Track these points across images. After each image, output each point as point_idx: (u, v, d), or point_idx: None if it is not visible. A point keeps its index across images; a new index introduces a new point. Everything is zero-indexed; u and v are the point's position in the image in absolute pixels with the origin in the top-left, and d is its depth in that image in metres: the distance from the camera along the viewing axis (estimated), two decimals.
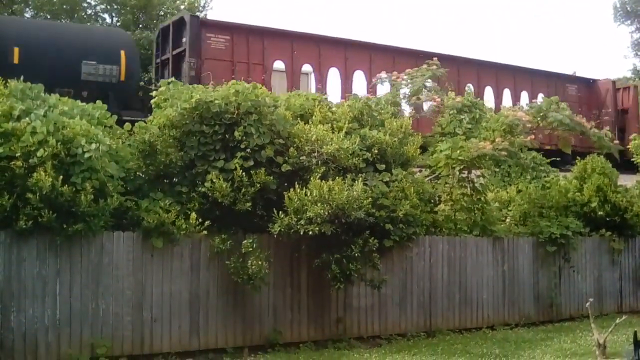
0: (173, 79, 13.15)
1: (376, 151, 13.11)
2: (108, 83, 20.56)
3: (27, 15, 28.61)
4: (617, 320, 10.29)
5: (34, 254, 10.18)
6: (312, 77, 25.19)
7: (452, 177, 14.98)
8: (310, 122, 12.87)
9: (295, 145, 12.10)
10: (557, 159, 20.43)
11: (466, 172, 15.02)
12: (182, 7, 31.30)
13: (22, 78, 11.53)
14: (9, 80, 11.38)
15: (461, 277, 14.48)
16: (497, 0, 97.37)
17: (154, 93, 12.88)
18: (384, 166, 13.13)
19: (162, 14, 30.99)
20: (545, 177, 19.35)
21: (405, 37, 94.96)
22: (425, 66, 17.86)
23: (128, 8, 29.91)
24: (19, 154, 9.88)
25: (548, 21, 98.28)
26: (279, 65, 24.18)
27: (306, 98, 14.24)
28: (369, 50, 26.08)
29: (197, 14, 31.54)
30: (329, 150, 12.04)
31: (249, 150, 11.58)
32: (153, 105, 12.74)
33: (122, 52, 20.96)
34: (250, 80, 14.36)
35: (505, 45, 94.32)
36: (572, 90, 29.91)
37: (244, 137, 11.61)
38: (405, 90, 17.11)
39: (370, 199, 11.94)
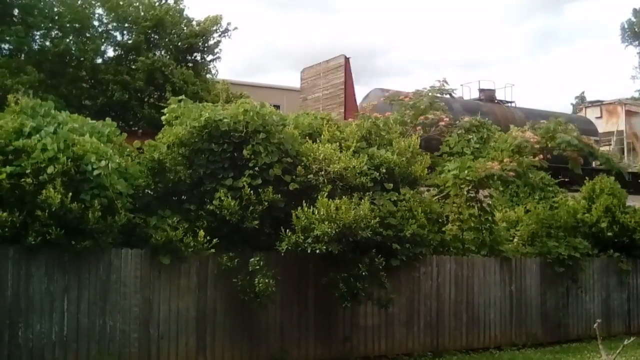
0: (183, 96, 13.18)
1: (384, 170, 13.13)
2: None
3: (37, 34, 28.73)
4: (625, 342, 10.23)
5: (43, 270, 10.23)
6: None
7: (460, 197, 14.98)
8: (318, 141, 12.92)
9: (303, 163, 12.14)
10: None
11: (474, 192, 15.03)
12: (197, 27, 31.34)
13: (31, 95, 11.65)
14: (19, 98, 11.49)
15: (468, 297, 14.44)
16: (505, 22, 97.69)
17: (165, 110, 12.95)
18: (391, 185, 13.14)
19: (175, 34, 31.08)
20: (553, 197, 19.33)
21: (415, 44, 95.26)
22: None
23: (139, 27, 30.00)
24: (29, 171, 9.95)
25: (556, 42, 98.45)
26: None
27: (314, 117, 14.30)
28: None
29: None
30: (336, 169, 12.07)
31: (257, 168, 11.62)
32: (164, 123, 12.81)
33: None
34: None
35: (513, 66, 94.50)
36: None
37: (253, 156, 11.66)
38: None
39: (377, 218, 11.95)
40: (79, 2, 29.56)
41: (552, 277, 15.75)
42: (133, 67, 29.37)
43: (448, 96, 18.62)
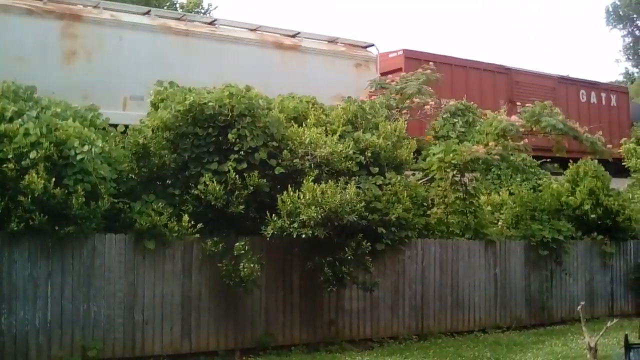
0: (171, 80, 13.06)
1: (370, 154, 13.11)
2: None
3: None
4: (609, 324, 10.27)
5: (26, 255, 10.15)
6: None
7: (445, 181, 15.00)
8: (304, 125, 12.87)
9: (288, 148, 12.09)
10: None
11: (459, 175, 15.04)
12: (181, 10, 31.19)
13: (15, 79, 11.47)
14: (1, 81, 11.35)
15: (453, 280, 14.50)
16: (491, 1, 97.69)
17: (151, 92, 12.85)
18: (377, 169, 13.13)
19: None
20: (535, 179, 19.40)
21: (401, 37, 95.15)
22: (420, 70, 17.92)
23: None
24: (11, 156, 9.83)
25: (541, 24, 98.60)
26: None
27: (300, 100, 14.23)
28: None
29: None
30: (323, 154, 12.04)
31: (242, 152, 11.56)
32: (150, 106, 12.72)
33: None
34: None
35: (498, 47, 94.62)
36: None
37: (238, 140, 11.59)
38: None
39: (363, 202, 11.95)
40: None
41: (536, 260, 15.83)
42: None
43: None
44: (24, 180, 9.70)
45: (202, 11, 31.82)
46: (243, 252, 11.30)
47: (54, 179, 9.86)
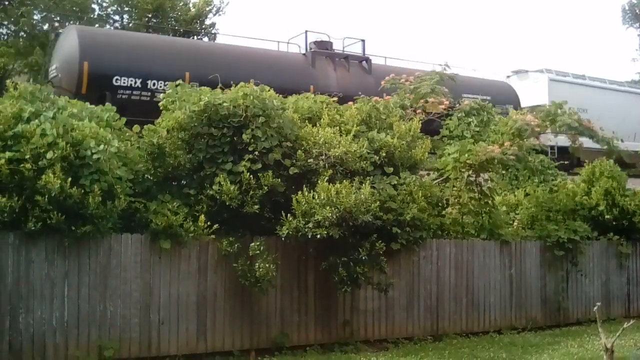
0: (180, 81, 13.12)
1: (384, 154, 13.10)
2: None
3: (36, 17, 28.56)
4: (625, 325, 10.20)
5: (43, 255, 10.22)
6: None
7: (460, 181, 14.96)
8: (318, 125, 12.88)
9: (303, 148, 12.11)
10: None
11: (474, 175, 14.99)
12: (193, 10, 31.31)
13: (31, 80, 11.57)
14: (18, 83, 11.44)
15: (468, 281, 14.45)
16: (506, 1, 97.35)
17: (162, 95, 12.91)
18: (392, 169, 13.12)
19: (174, 17, 31.07)
20: (553, 180, 19.32)
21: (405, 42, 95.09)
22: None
23: (139, 11, 30.00)
24: (28, 156, 9.91)
25: (557, 23, 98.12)
26: None
27: (314, 101, 14.25)
28: None
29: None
30: (337, 154, 12.05)
31: (257, 152, 11.59)
32: (161, 108, 12.78)
33: None
34: None
35: (514, 47, 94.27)
36: None
37: (252, 140, 11.63)
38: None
39: (378, 202, 11.94)
40: None
41: (552, 261, 15.75)
42: None
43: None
44: (41, 180, 9.77)
45: (213, 10, 31.89)
46: (258, 252, 11.32)
47: (70, 179, 9.92)
